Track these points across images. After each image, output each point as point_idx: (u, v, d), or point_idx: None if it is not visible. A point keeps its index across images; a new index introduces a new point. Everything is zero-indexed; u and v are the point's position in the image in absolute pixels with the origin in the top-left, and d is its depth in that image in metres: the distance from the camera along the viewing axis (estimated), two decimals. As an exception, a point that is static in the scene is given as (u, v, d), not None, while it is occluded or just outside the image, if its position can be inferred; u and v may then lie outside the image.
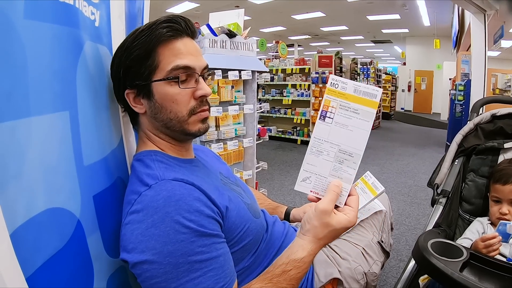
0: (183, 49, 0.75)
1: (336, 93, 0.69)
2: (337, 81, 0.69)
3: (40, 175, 0.53)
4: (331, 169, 0.70)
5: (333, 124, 0.69)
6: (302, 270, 0.69)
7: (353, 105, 0.68)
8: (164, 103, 0.74)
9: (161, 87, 0.74)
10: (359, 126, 0.68)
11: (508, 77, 6.09)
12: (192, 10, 8.31)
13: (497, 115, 1.37)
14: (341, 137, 0.69)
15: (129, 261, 0.64)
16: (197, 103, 0.77)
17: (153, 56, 0.73)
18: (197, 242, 0.63)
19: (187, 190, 0.67)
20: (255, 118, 2.43)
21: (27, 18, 0.51)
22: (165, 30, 0.73)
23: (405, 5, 7.95)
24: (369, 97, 0.68)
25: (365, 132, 0.68)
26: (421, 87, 13.19)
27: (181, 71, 0.74)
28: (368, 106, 0.68)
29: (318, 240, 0.70)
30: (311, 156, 0.71)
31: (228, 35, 2.15)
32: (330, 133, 0.69)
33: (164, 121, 0.76)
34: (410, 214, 2.94)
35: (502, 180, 1.13)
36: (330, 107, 0.69)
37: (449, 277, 0.77)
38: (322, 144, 0.70)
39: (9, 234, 0.46)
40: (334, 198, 0.69)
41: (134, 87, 0.76)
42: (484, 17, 4.29)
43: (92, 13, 0.73)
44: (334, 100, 0.69)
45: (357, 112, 0.68)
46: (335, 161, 0.70)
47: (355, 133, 0.68)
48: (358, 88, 0.68)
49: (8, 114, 0.48)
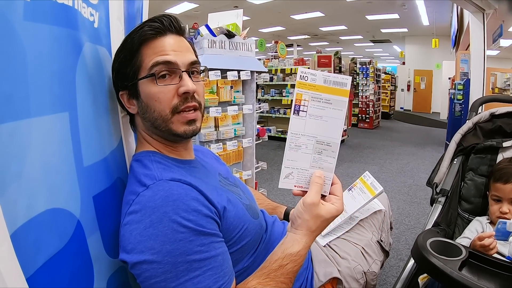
0: (166, 46, 0.74)
1: (307, 86, 0.69)
2: (306, 73, 0.69)
3: (40, 176, 0.54)
4: (311, 161, 0.72)
5: (307, 117, 0.70)
6: (298, 263, 0.71)
7: (324, 95, 0.69)
8: (149, 102, 0.75)
9: (145, 86, 0.74)
10: (333, 115, 0.69)
11: (507, 76, 6.10)
12: (191, 11, 8.31)
13: (496, 114, 1.37)
14: (317, 129, 0.70)
15: (128, 261, 0.64)
16: (180, 101, 0.74)
17: (137, 56, 0.74)
18: (195, 241, 0.64)
19: (185, 190, 0.67)
20: (254, 118, 2.43)
21: (26, 20, 0.51)
22: (147, 29, 0.74)
23: (404, 5, 7.95)
24: (339, 86, 0.69)
25: (340, 120, 0.69)
26: (421, 87, 13.20)
27: (161, 67, 0.73)
28: (340, 95, 0.69)
29: (311, 233, 0.72)
30: (290, 152, 0.72)
31: (227, 35, 2.15)
32: (306, 126, 0.70)
33: (151, 121, 0.76)
34: (409, 213, 2.94)
35: (503, 179, 1.13)
36: (303, 100, 0.69)
37: (448, 276, 0.77)
38: (299, 139, 0.71)
39: (10, 235, 0.46)
40: (319, 189, 0.71)
41: (125, 88, 0.77)
42: (483, 16, 4.30)
43: (91, 14, 0.73)
44: (305, 93, 0.69)
45: (329, 102, 0.69)
46: (314, 152, 0.71)
47: (330, 123, 0.70)
48: (328, 78, 0.69)
49: (8, 115, 0.48)
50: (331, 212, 0.70)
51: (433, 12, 8.30)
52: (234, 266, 0.76)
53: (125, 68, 0.75)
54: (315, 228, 0.71)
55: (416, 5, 7.93)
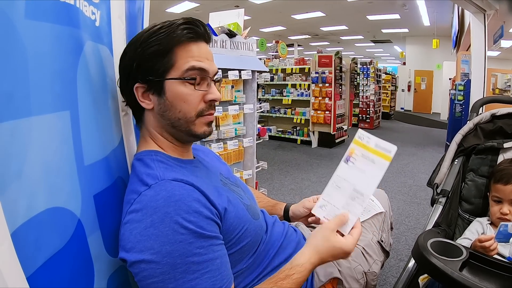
0: (200, 52, 0.76)
1: (361, 144, 0.81)
2: (364, 135, 0.81)
3: (41, 175, 0.54)
4: (343, 203, 0.81)
5: (354, 167, 0.81)
6: (302, 275, 0.75)
7: (372, 156, 0.79)
8: (175, 101, 0.75)
9: (174, 86, 0.74)
10: (373, 173, 0.79)
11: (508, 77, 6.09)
12: (192, 10, 8.30)
13: (497, 115, 1.37)
14: (357, 179, 0.80)
15: (127, 260, 0.64)
16: (206, 106, 0.78)
17: (170, 55, 0.74)
18: (195, 243, 0.64)
19: (187, 191, 0.67)
20: (255, 118, 2.43)
21: (28, 18, 0.51)
22: (185, 32, 0.74)
23: (405, 5, 7.95)
24: (385, 152, 0.79)
25: (377, 179, 0.78)
26: (421, 87, 13.18)
27: (197, 72, 0.75)
28: (384, 159, 0.78)
29: (317, 252, 0.77)
30: (331, 189, 0.83)
31: (228, 35, 2.15)
32: (350, 174, 0.81)
33: (171, 120, 0.76)
34: (410, 213, 2.94)
35: (503, 180, 1.13)
36: (354, 154, 0.82)
37: (448, 276, 0.77)
38: (341, 182, 0.82)
39: (10, 234, 0.46)
40: (339, 222, 0.79)
41: (146, 82, 0.75)
42: (484, 17, 4.29)
43: (93, 13, 0.73)
44: (358, 149, 0.81)
45: (374, 162, 0.79)
46: (348, 197, 0.80)
47: (368, 178, 0.79)
48: (379, 143, 0.79)
49: (9, 114, 0.48)
50: (340, 243, 0.76)
51: (434, 12, 8.29)
52: (234, 267, 0.76)
53: (154, 62, 0.74)
54: (321, 249, 0.77)
55: (417, 5, 7.93)
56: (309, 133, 6.08)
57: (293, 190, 3.59)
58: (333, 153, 5.57)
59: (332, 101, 5.69)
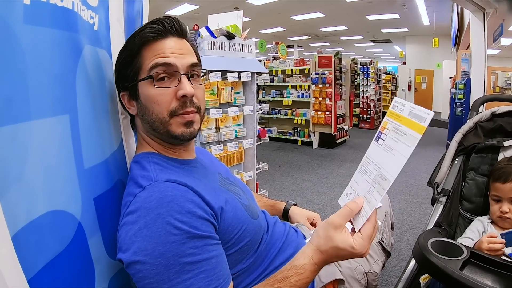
0: (165, 48, 0.74)
1: (394, 116, 0.68)
2: (398, 103, 0.68)
3: (41, 178, 0.54)
4: (366, 191, 0.69)
5: (383, 146, 0.68)
6: (303, 278, 0.69)
7: (403, 128, 0.65)
8: (147, 104, 0.75)
9: (144, 88, 0.75)
10: (401, 151, 0.64)
11: (508, 75, 6.08)
12: (191, 12, 8.32)
13: (497, 113, 1.37)
14: (383, 160, 0.67)
15: (123, 261, 0.64)
16: (179, 104, 0.74)
17: (138, 57, 0.75)
18: (188, 243, 0.63)
19: (180, 192, 0.67)
20: (255, 119, 2.43)
21: (26, 23, 0.52)
22: (148, 31, 0.74)
23: (404, 5, 7.95)
24: (418, 120, 0.64)
25: (404, 158, 0.63)
26: (421, 86, 13.17)
27: (160, 69, 0.73)
28: (415, 130, 0.64)
29: (320, 252, 0.70)
30: (358, 175, 0.72)
31: (227, 37, 2.15)
32: (377, 155, 0.68)
33: (149, 123, 0.76)
34: (411, 213, 2.94)
35: (502, 178, 1.12)
36: (386, 129, 0.68)
37: (449, 276, 0.77)
38: (369, 165, 0.70)
39: (11, 237, 0.46)
40: (347, 214, 0.68)
41: (126, 89, 0.78)
42: (483, 16, 4.29)
43: (91, 17, 0.73)
44: (390, 122, 0.68)
45: (404, 135, 0.65)
46: (372, 183, 0.68)
47: (395, 158, 0.65)
48: (413, 110, 0.65)
49: (9, 118, 0.48)
50: (347, 243, 0.67)
51: (433, 11, 8.29)
52: (234, 267, 0.76)
53: (126, 69, 0.76)
54: (324, 249, 0.69)
55: (416, 4, 7.93)
56: (310, 134, 6.08)
57: (294, 191, 3.59)
58: (334, 153, 5.57)
59: (332, 102, 5.70)
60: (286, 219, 1.14)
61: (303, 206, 1.20)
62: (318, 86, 5.78)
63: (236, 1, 7.42)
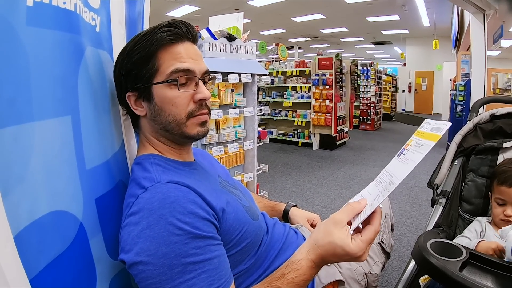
0: (184, 53, 0.76)
1: (419, 134, 0.69)
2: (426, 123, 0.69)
3: (43, 179, 0.54)
4: (374, 197, 0.69)
5: (402, 159, 0.68)
6: (299, 274, 0.69)
7: (423, 141, 0.66)
8: (163, 106, 0.75)
9: (160, 90, 0.75)
10: (414, 158, 0.65)
11: (509, 76, 6.08)
12: (192, 14, 8.33)
13: (496, 114, 1.37)
14: (397, 169, 0.67)
15: (126, 261, 0.65)
16: (196, 107, 0.77)
17: (154, 60, 0.74)
18: (191, 244, 0.64)
19: (182, 193, 0.68)
20: (255, 121, 2.44)
21: (29, 25, 0.52)
22: (166, 34, 0.74)
23: (404, 6, 7.96)
24: (436, 131, 0.65)
25: (414, 164, 0.64)
26: (422, 88, 13.16)
27: (181, 74, 0.75)
28: (429, 140, 0.64)
29: (317, 247, 0.70)
30: (372, 185, 0.72)
31: (228, 38, 2.16)
32: (395, 167, 0.68)
33: (163, 124, 0.77)
34: (411, 215, 2.94)
35: (507, 182, 1.10)
36: (409, 145, 0.69)
37: (448, 276, 0.77)
38: (384, 176, 0.69)
39: (13, 237, 0.47)
40: (350, 212, 0.69)
41: (135, 90, 0.77)
42: (484, 17, 4.30)
43: (93, 19, 0.74)
44: (415, 139, 0.69)
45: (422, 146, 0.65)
46: (382, 191, 0.67)
47: (407, 165, 0.65)
48: (435, 125, 0.67)
49: (12, 119, 0.49)
50: (343, 242, 0.66)
51: (434, 13, 8.30)
52: (235, 267, 0.77)
53: (139, 69, 0.75)
54: (321, 243, 0.69)
55: (416, 6, 7.94)
56: (310, 135, 6.08)
57: (294, 192, 3.59)
58: (334, 155, 5.57)
59: (332, 103, 5.71)
60: (286, 221, 1.14)
61: (303, 207, 1.20)
62: (318, 87, 5.79)
63: (237, 2, 7.44)
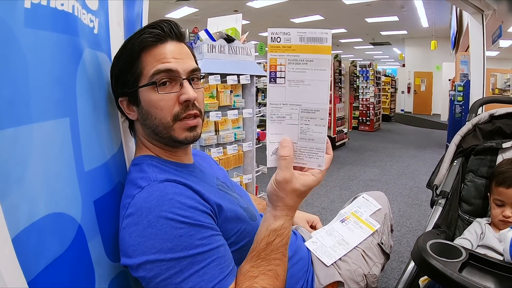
0: (166, 53, 0.74)
1: (281, 48, 0.61)
2: (278, 33, 0.60)
3: (42, 181, 0.54)
4: (298, 132, 0.64)
5: (286, 83, 0.62)
6: (285, 236, 0.68)
7: (303, 56, 0.60)
8: (149, 109, 0.75)
9: (146, 93, 0.74)
10: (316, 77, 0.61)
11: (508, 76, 6.10)
12: (191, 15, 8.35)
13: (496, 115, 1.38)
14: (300, 95, 0.62)
15: (131, 265, 0.64)
16: (182, 108, 0.75)
17: (138, 63, 0.74)
18: (196, 235, 0.64)
19: (180, 189, 0.68)
20: (254, 122, 2.44)
21: (27, 26, 0.52)
22: (147, 36, 0.73)
23: (403, 7, 7.98)
24: (319, 42, 0.59)
25: (325, 82, 0.60)
26: (421, 89, 13.19)
27: (163, 75, 0.73)
28: (321, 53, 0.59)
29: (290, 207, 0.68)
30: (273, 125, 0.65)
31: (226, 40, 2.16)
32: (286, 94, 0.62)
33: (152, 128, 0.76)
34: (411, 215, 2.94)
35: (506, 183, 1.11)
36: (278, 65, 0.62)
37: (448, 277, 0.77)
38: (281, 109, 0.63)
39: (11, 239, 0.46)
40: (287, 164, 0.64)
41: (125, 95, 0.77)
42: (482, 17, 4.31)
43: (91, 20, 0.74)
44: (280, 56, 0.61)
45: (311, 62, 0.60)
46: (300, 123, 0.63)
47: (313, 87, 0.61)
48: (304, 35, 0.59)
49: (10, 121, 0.48)
50: (308, 184, 0.65)
51: (432, 14, 8.32)
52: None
53: (125, 75, 0.75)
54: (293, 202, 0.67)
55: (415, 7, 7.95)
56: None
57: (294, 193, 3.58)
58: (334, 156, 5.56)
59: (331, 104, 5.71)
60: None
61: (302, 208, 1.20)
62: (317, 88, 5.79)
63: (236, 2, 7.44)
